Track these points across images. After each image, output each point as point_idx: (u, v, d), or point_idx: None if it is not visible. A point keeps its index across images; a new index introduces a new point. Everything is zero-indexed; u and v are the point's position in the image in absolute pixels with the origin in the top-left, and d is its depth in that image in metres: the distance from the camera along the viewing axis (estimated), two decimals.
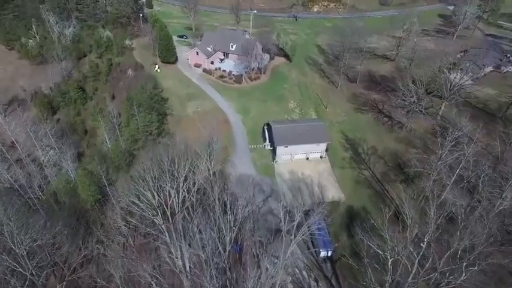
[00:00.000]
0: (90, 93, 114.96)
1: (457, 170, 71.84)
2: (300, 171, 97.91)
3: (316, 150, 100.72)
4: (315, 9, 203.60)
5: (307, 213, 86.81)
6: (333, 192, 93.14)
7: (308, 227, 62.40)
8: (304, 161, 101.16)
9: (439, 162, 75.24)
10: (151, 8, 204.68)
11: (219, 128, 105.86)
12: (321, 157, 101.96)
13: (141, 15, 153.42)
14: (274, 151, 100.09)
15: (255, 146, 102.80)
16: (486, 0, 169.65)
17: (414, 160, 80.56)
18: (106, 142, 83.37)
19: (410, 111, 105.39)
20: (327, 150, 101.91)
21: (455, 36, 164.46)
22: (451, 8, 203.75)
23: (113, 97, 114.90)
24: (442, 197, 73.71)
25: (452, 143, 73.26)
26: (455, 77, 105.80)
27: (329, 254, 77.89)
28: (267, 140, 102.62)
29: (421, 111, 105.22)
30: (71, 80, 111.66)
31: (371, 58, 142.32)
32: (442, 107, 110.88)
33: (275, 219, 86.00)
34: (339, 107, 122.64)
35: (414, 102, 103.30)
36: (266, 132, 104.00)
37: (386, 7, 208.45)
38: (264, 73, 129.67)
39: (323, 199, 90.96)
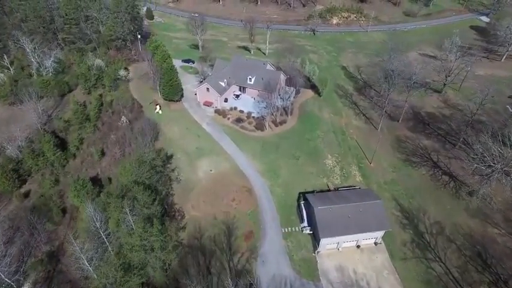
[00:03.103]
0: (73, 148, 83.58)
1: None
2: (351, 268, 67.99)
3: (371, 236, 70.66)
4: (334, 22, 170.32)
5: None
6: None
7: None
8: (354, 249, 71.03)
9: None
10: (152, 19, 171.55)
11: (241, 201, 75.83)
12: (375, 243, 71.94)
13: (139, 36, 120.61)
14: (315, 238, 70.00)
15: (290, 230, 72.39)
16: None
17: None
18: (85, 264, 52.38)
19: (491, 177, 74.92)
20: None
21: (504, 57, 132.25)
22: (485, 18, 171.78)
23: (103, 153, 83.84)
24: None
25: None
26: None
27: None
28: (305, 221, 72.26)
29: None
30: (47, 135, 79.55)
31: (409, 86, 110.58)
32: None
33: None
34: (385, 158, 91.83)
35: (498, 168, 72.74)
36: (303, 209, 73.56)
37: (411, 18, 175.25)
38: (291, 114, 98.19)
39: None
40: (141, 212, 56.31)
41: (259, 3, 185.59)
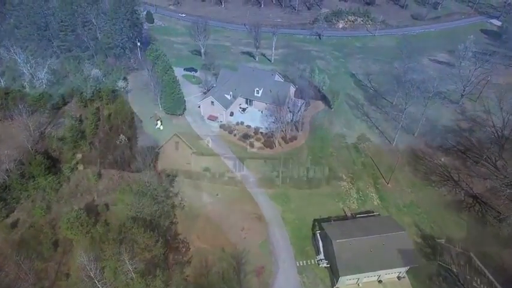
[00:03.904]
0: (67, 169, 75.36)
1: None
2: None
3: (394, 270, 62.95)
4: (340, 25, 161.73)
5: None
6: None
7: None
8: (376, 285, 63.19)
9: None
10: (152, 22, 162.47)
11: (251, 230, 67.97)
12: (398, 278, 64.24)
13: (138, 44, 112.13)
14: (333, 273, 62.29)
15: (305, 263, 64.55)
16: None
17: None
18: None
19: None
20: None
21: None
22: (495, 21, 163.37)
23: (99, 175, 75.73)
24: None
25: None
26: None
27: None
28: (322, 253, 64.48)
29: None
30: (38, 157, 71.48)
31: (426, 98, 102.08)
32: None
33: None
34: (402, 176, 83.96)
35: None
36: (319, 240, 65.72)
37: (419, 22, 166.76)
38: (301, 129, 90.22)
39: None
40: (141, 255, 48.56)
41: (262, 6, 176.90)
